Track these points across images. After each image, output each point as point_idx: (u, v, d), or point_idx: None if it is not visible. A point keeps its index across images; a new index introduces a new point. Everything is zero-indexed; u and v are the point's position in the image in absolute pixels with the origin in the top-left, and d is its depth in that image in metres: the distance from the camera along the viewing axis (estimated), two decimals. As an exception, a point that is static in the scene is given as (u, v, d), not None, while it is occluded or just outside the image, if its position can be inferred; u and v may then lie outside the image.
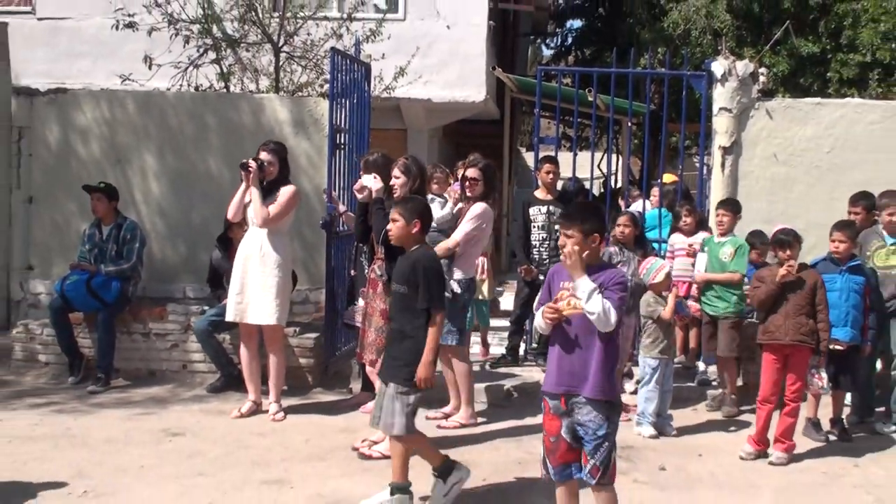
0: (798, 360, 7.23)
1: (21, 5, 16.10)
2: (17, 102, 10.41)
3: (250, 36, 12.23)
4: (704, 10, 19.28)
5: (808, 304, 7.20)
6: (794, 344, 7.17)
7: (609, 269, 5.07)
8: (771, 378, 7.27)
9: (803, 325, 7.15)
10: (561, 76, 12.70)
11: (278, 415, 7.96)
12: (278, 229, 7.99)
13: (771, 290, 7.22)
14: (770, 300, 7.24)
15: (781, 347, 7.20)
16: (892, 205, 8.04)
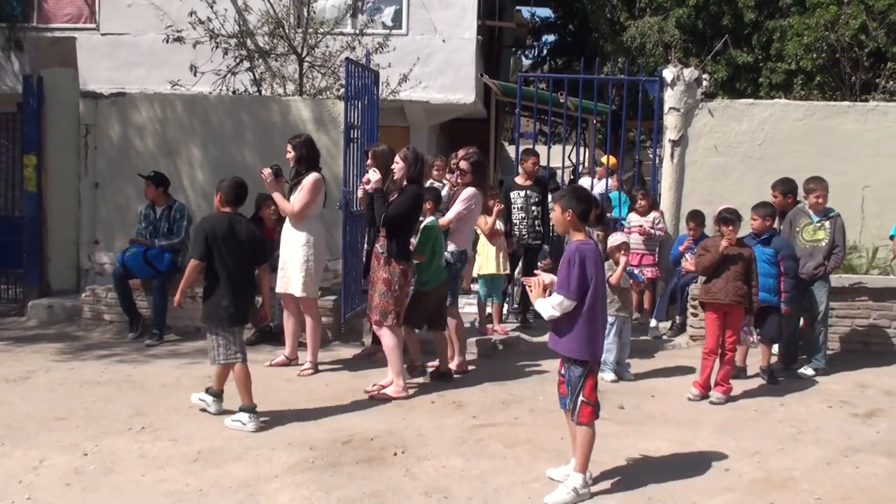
0: (734, 318, 7.24)
1: (87, 22, 15.90)
2: (85, 104, 10.32)
3: (278, 48, 12.13)
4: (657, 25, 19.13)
5: (743, 272, 7.21)
6: (732, 304, 7.17)
7: (574, 244, 5.01)
8: (714, 333, 7.26)
9: (739, 288, 7.16)
10: (538, 82, 12.60)
11: (307, 370, 7.79)
12: (308, 215, 7.76)
13: (714, 258, 7.21)
14: (713, 267, 7.23)
15: (721, 306, 7.20)
16: (817, 189, 8.04)
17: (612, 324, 7.73)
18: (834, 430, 6.45)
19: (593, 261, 4.92)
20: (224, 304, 6.18)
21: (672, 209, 9.69)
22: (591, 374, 5.02)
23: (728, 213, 7.36)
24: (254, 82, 12.15)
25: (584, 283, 4.88)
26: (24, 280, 10.29)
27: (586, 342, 4.93)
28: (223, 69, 12.04)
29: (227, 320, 6.20)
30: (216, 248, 6.17)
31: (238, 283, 6.23)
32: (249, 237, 6.34)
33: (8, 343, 8.84)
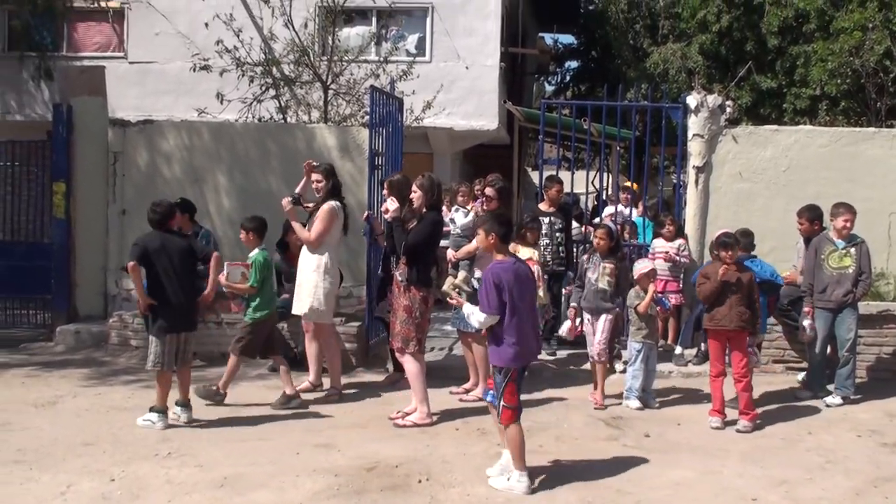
0: (740, 342, 7.24)
1: (116, 51, 16.16)
2: (113, 132, 10.44)
3: (304, 76, 12.25)
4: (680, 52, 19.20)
5: (746, 296, 7.22)
6: (736, 329, 7.18)
7: (491, 264, 5.66)
8: (719, 358, 7.29)
9: (743, 313, 7.18)
10: (561, 108, 12.63)
11: (333, 396, 7.81)
12: (324, 242, 7.81)
13: (714, 286, 7.20)
14: (714, 294, 7.23)
15: (725, 332, 7.22)
16: (845, 214, 8.00)
17: (638, 351, 7.70)
18: (863, 459, 6.38)
19: (510, 280, 5.47)
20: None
21: (696, 235, 9.65)
22: (512, 381, 5.51)
23: (726, 237, 7.38)
24: (279, 110, 12.28)
25: (501, 299, 5.44)
26: (53, 306, 10.39)
27: (506, 352, 5.50)
28: (249, 97, 12.18)
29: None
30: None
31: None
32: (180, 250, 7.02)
33: (36, 368, 8.93)
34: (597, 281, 7.85)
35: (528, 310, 5.62)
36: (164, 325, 6.92)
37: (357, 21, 15.12)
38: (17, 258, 10.48)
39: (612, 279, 7.84)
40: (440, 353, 9.32)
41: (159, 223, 7.04)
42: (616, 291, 7.88)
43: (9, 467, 5.89)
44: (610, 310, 7.86)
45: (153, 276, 6.91)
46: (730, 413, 7.22)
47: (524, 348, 5.55)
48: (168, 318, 6.92)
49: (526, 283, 5.61)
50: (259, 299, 7.53)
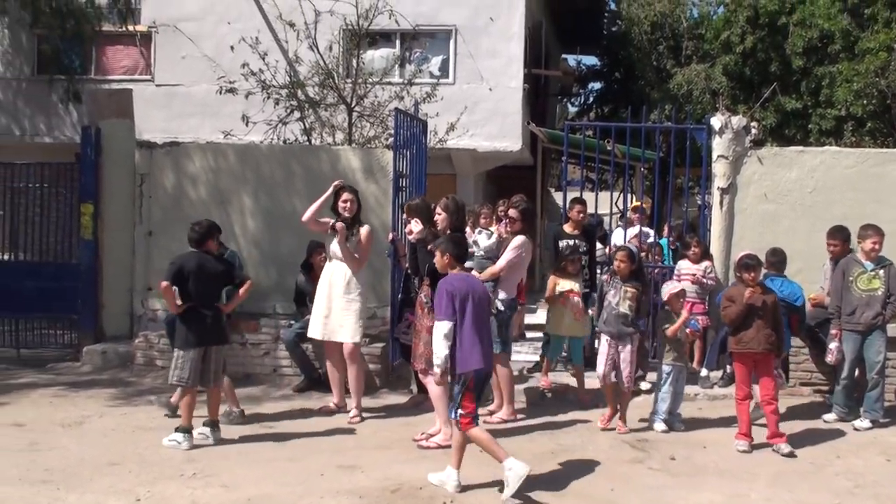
0: (766, 365, 7.20)
1: (143, 74, 16.38)
2: (140, 154, 10.53)
3: (328, 98, 12.35)
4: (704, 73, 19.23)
5: (771, 318, 7.19)
6: (763, 352, 7.14)
7: (446, 276, 6.11)
8: (746, 380, 7.25)
9: (770, 336, 7.14)
10: (584, 130, 12.66)
11: (355, 418, 7.81)
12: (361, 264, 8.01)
13: (741, 309, 7.16)
14: (740, 318, 7.18)
15: (752, 355, 7.17)
16: (874, 236, 7.96)
17: (668, 373, 7.65)
18: (893, 483, 6.31)
19: (462, 289, 5.92)
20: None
21: (721, 257, 9.61)
22: (469, 390, 5.91)
23: (749, 259, 7.35)
24: (304, 132, 12.37)
25: (453, 306, 5.87)
26: (80, 326, 10.48)
27: (462, 359, 5.90)
28: (274, 119, 12.28)
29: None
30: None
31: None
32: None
33: (63, 388, 9.00)
34: (618, 305, 7.67)
35: (482, 320, 6.06)
36: (192, 339, 7.03)
37: (381, 44, 15.23)
38: (45, 279, 10.57)
39: (634, 303, 7.67)
40: (464, 375, 9.29)
41: (198, 242, 7.23)
42: (638, 315, 7.76)
43: (36, 487, 5.94)
44: (632, 335, 7.72)
45: (185, 295, 7.06)
46: (756, 436, 7.17)
47: (478, 355, 5.91)
48: (196, 332, 7.03)
49: (478, 296, 6.04)
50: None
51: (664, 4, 21.23)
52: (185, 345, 7.03)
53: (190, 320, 7.05)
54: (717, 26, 20.11)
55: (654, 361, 8.63)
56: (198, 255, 7.21)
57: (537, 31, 17.70)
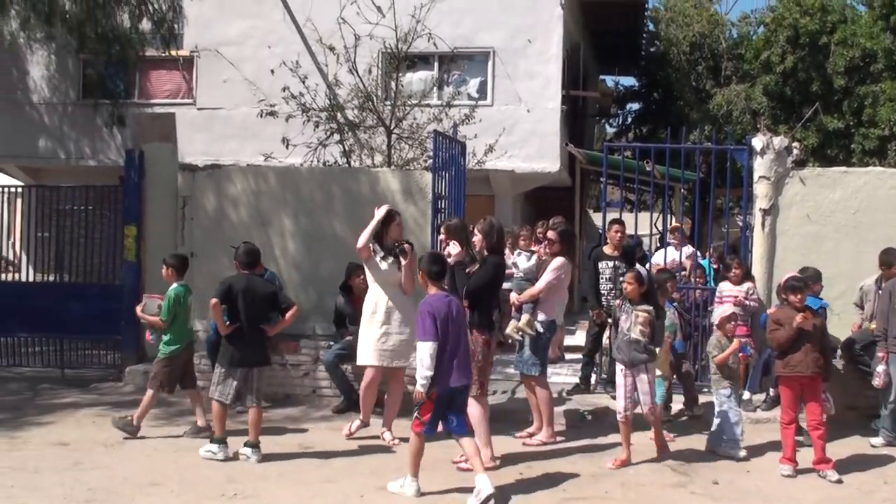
0: (814, 389, 7.13)
1: (185, 98, 16.62)
2: (182, 176, 10.67)
3: (367, 121, 12.45)
4: (744, 93, 19.11)
5: (819, 341, 7.10)
6: (812, 376, 7.05)
7: (427, 297, 6.37)
8: (793, 405, 7.16)
9: (818, 359, 7.06)
10: (623, 150, 12.62)
11: (395, 440, 7.80)
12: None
13: (790, 334, 7.06)
14: (789, 342, 7.09)
15: (800, 379, 7.08)
16: None
17: (728, 396, 7.56)
18: (943, 510, 6.18)
19: (442, 310, 6.19)
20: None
21: (764, 279, 9.52)
22: (430, 401, 6.24)
23: (796, 280, 7.28)
24: (343, 154, 12.47)
25: (435, 328, 6.13)
26: (122, 346, 10.60)
27: (438, 377, 6.15)
28: (314, 141, 12.39)
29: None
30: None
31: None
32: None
33: (106, 408, 9.11)
34: (629, 330, 7.29)
35: (460, 339, 6.37)
36: (236, 357, 7.26)
37: (419, 66, 15.33)
38: (89, 300, 10.73)
39: (646, 328, 7.24)
40: (503, 397, 9.29)
41: (248, 265, 7.53)
42: (651, 340, 7.29)
43: (80, 506, 6.02)
44: (647, 362, 7.30)
45: (233, 315, 7.28)
46: (801, 460, 7.06)
47: (452, 374, 6.24)
48: (241, 352, 7.26)
49: (459, 314, 6.39)
50: (170, 334, 8.01)
51: (703, 25, 21.17)
52: (230, 364, 7.23)
53: (236, 340, 7.25)
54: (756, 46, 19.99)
55: (698, 384, 8.59)
56: (247, 278, 7.46)
57: (575, 52, 17.71)
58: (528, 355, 7.84)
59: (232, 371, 7.23)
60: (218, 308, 7.26)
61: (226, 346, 7.31)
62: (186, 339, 8.22)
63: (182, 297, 8.10)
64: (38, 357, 11.07)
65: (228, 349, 7.28)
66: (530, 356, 7.82)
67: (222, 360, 7.31)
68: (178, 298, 8.04)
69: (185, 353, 8.22)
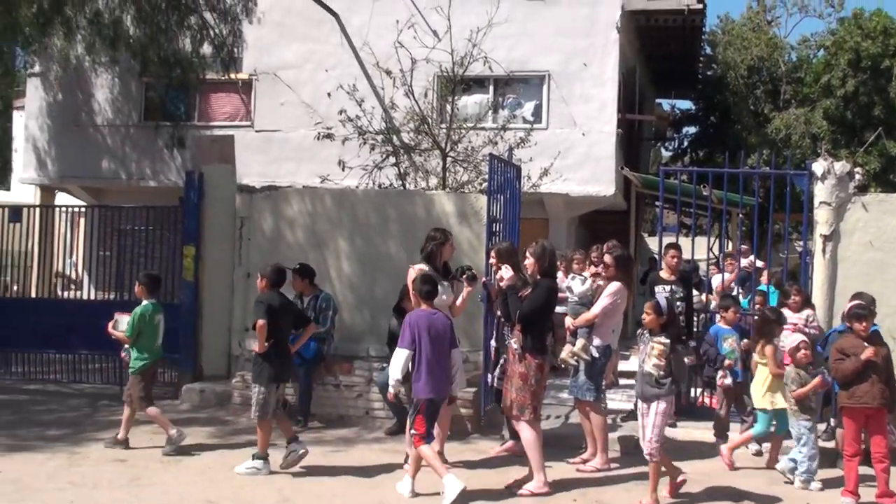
0: (879, 421, 6.97)
1: (243, 120, 16.91)
2: (240, 197, 10.84)
3: (423, 143, 12.53)
4: (803, 117, 18.88)
5: (885, 371, 6.94)
6: (878, 407, 6.89)
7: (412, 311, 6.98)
8: (857, 436, 6.99)
9: (884, 390, 6.89)
10: (679, 175, 12.51)
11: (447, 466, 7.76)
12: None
13: (857, 365, 6.90)
14: (855, 373, 6.93)
15: (865, 410, 6.91)
16: None
17: (809, 429, 7.41)
18: None
19: (422, 324, 6.75)
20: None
21: (824, 306, 9.35)
22: (420, 413, 6.72)
23: (860, 308, 7.14)
24: (399, 176, 12.55)
25: (413, 338, 6.71)
26: (180, 365, 10.77)
27: (416, 387, 6.78)
28: (370, 164, 12.50)
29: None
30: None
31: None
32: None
33: (162, 425, 9.23)
34: (643, 362, 6.89)
35: (438, 354, 6.80)
36: (273, 374, 7.50)
37: (475, 89, 15.41)
38: (147, 318, 10.92)
39: (662, 360, 6.76)
40: (556, 422, 9.23)
41: (278, 284, 7.82)
42: (667, 374, 6.75)
43: (138, 522, 6.11)
44: (660, 396, 6.76)
45: (273, 333, 7.50)
46: (863, 494, 6.90)
47: (431, 384, 6.74)
48: (277, 368, 7.53)
49: (438, 331, 6.84)
50: (137, 350, 8.27)
51: (761, 48, 21.01)
52: (269, 381, 7.47)
53: (273, 358, 7.50)
54: (816, 70, 19.78)
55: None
56: (280, 295, 7.79)
57: (631, 75, 17.68)
58: (583, 380, 7.79)
59: (271, 387, 7.48)
60: (265, 329, 7.43)
61: (262, 365, 7.51)
62: (155, 356, 8.48)
63: (148, 315, 8.34)
64: (98, 374, 11.28)
65: (266, 367, 7.49)
66: (585, 381, 7.77)
67: (261, 378, 7.49)
68: (143, 316, 8.29)
69: (155, 368, 8.63)
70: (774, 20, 25.20)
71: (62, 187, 18.06)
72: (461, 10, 13.36)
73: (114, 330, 8.46)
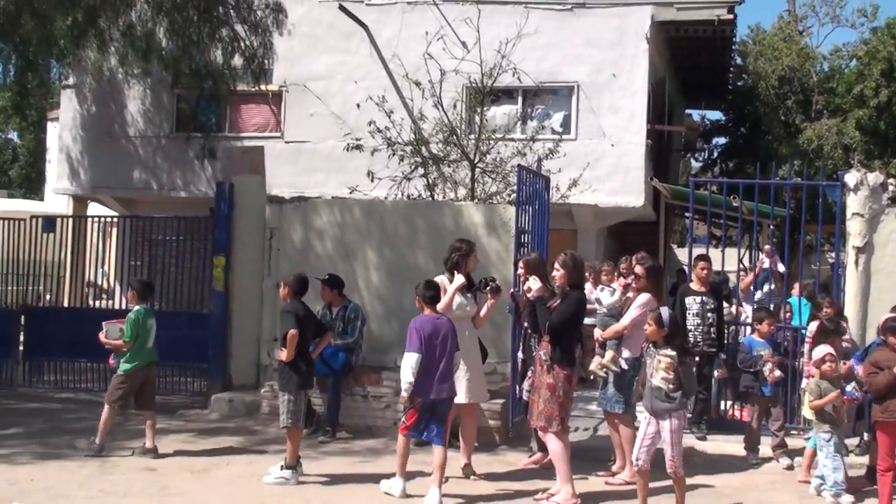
0: None
1: (273, 131, 17.00)
2: (270, 208, 10.89)
3: (451, 155, 12.55)
4: (835, 127, 18.72)
5: None
6: None
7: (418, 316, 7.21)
8: (891, 451, 6.91)
9: None
10: (710, 186, 12.45)
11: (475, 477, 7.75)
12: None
13: (891, 379, 6.82)
14: (889, 387, 6.85)
15: None
16: None
17: (827, 440, 7.29)
18: None
19: (427, 329, 7.00)
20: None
21: (857, 318, 9.25)
22: (415, 410, 7.01)
23: (895, 321, 7.01)
24: (427, 187, 12.58)
25: (420, 342, 6.93)
26: (209, 374, 10.83)
27: (416, 387, 6.95)
28: (398, 175, 12.53)
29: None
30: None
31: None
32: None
33: (192, 435, 9.30)
34: (651, 377, 6.75)
35: (440, 357, 7.01)
36: (300, 382, 7.65)
37: (504, 100, 15.41)
38: (177, 328, 10.97)
39: (670, 373, 6.61)
40: (585, 434, 9.18)
41: (301, 293, 7.96)
42: (677, 387, 6.62)
43: (167, 530, 6.15)
44: (671, 411, 6.64)
45: (300, 341, 7.63)
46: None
47: (430, 384, 6.96)
48: (303, 376, 7.66)
49: (442, 335, 7.04)
50: (129, 353, 8.36)
51: (793, 58, 20.86)
52: (297, 388, 7.60)
53: (299, 366, 7.64)
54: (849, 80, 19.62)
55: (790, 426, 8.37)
56: (303, 304, 7.93)
57: (661, 86, 17.59)
58: (612, 392, 7.76)
59: (300, 395, 7.64)
60: (296, 338, 7.56)
61: (290, 373, 7.62)
62: (145, 359, 8.52)
63: (142, 319, 8.48)
64: (129, 383, 11.36)
65: (293, 375, 7.61)
66: (614, 393, 7.74)
67: (289, 386, 7.63)
68: (138, 320, 8.43)
69: (143, 372, 8.51)
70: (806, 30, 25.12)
71: (94, 198, 18.25)
72: (490, 22, 13.42)
73: (106, 339, 8.57)
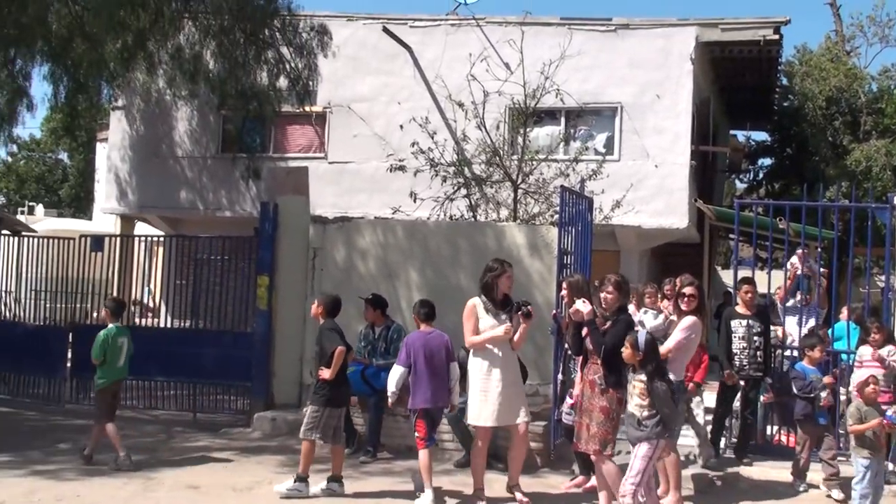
0: None
1: (317, 152, 17.13)
2: (314, 228, 11.00)
3: (494, 175, 12.57)
4: (884, 148, 18.43)
5: None
6: None
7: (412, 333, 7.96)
8: None
9: None
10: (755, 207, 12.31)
11: (524, 500, 7.66)
12: None
13: None
14: None
15: None
16: None
17: (865, 467, 7.16)
18: None
19: (417, 344, 7.61)
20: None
21: (907, 343, 9.06)
22: (420, 419, 7.55)
23: None
24: (470, 208, 12.60)
25: (409, 357, 7.57)
26: (252, 393, 10.92)
27: (413, 398, 7.61)
28: (441, 195, 12.57)
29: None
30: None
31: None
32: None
33: (235, 453, 9.37)
34: (627, 404, 6.62)
35: (433, 369, 7.57)
36: (329, 397, 7.80)
37: (546, 121, 15.40)
38: (221, 346, 11.13)
39: (644, 399, 6.51)
40: (628, 458, 9.06)
41: (334, 312, 8.15)
42: (651, 414, 6.48)
43: (210, 548, 6.18)
44: (641, 439, 6.51)
45: (331, 356, 7.79)
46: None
47: (428, 395, 7.53)
48: (335, 393, 7.82)
49: (433, 349, 7.62)
50: (99, 370, 8.79)
51: (840, 79, 20.57)
52: (324, 403, 7.78)
53: (335, 383, 7.77)
54: (898, 100, 19.31)
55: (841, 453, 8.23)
56: (336, 323, 8.10)
57: (705, 106, 17.46)
58: (656, 416, 7.65)
59: (324, 410, 7.75)
60: (343, 355, 7.73)
61: (326, 389, 7.77)
62: (115, 376, 8.94)
63: (111, 338, 8.80)
64: (172, 400, 11.50)
65: (325, 390, 7.77)
66: (657, 417, 7.64)
67: (316, 398, 7.82)
68: (107, 339, 8.77)
69: (115, 387, 8.99)
70: (854, 50, 24.74)
71: (141, 217, 18.52)
72: (533, 43, 13.43)
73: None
